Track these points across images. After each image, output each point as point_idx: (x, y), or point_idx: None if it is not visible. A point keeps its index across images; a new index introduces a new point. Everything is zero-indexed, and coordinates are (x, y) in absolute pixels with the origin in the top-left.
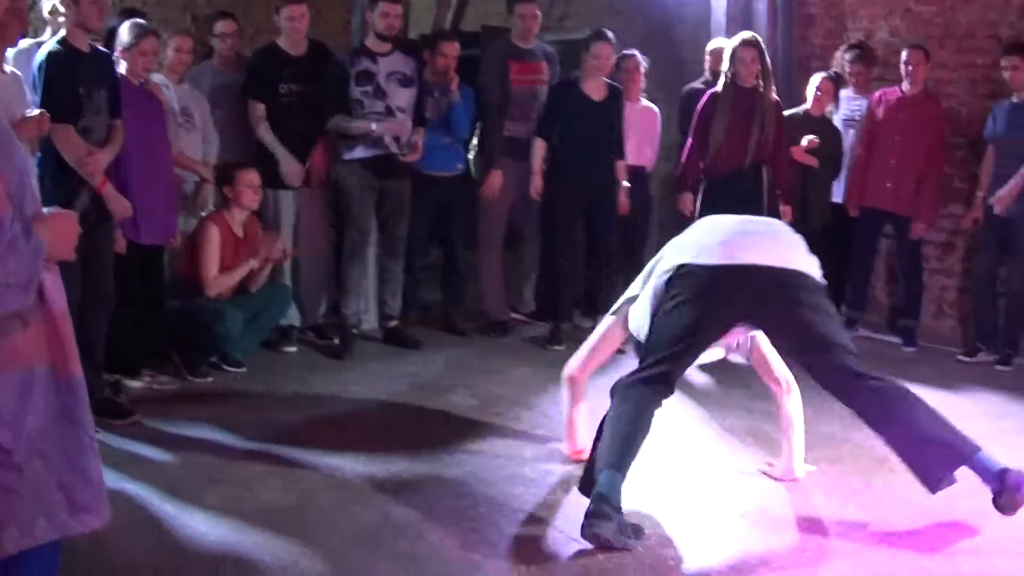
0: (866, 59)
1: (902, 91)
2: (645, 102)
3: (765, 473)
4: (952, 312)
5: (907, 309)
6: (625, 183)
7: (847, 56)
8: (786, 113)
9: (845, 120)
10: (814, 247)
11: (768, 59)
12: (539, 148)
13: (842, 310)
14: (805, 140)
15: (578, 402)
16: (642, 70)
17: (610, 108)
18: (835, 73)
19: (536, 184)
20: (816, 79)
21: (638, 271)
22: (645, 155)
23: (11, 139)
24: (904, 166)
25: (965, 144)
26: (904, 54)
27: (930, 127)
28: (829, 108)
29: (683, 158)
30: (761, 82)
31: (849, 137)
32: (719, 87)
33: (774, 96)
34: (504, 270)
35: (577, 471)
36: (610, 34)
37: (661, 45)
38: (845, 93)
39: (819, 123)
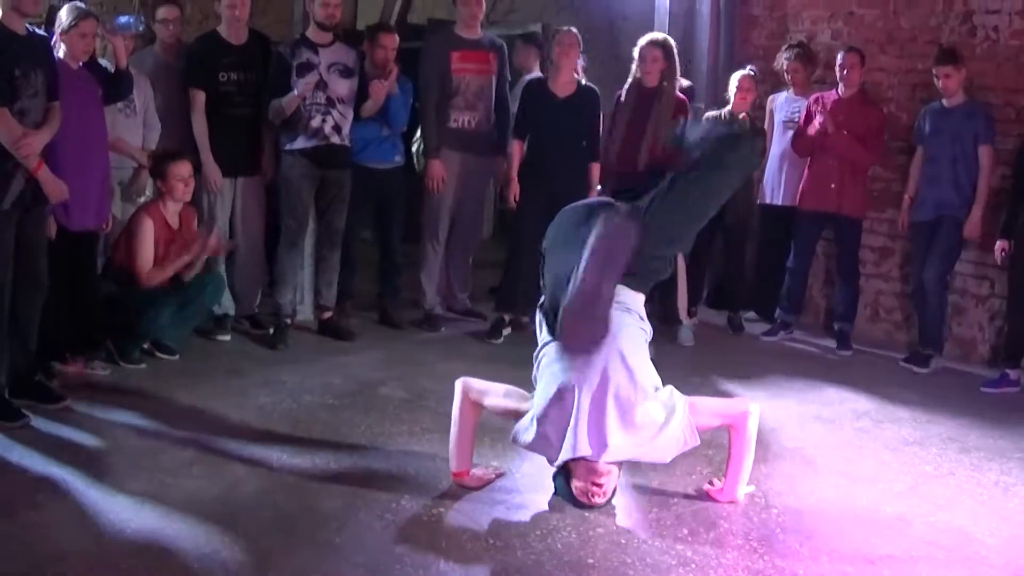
0: (804, 58)
1: (838, 94)
2: None
3: (708, 491)
4: (888, 317)
5: (843, 313)
6: (596, 186)
7: (786, 55)
8: (710, 114)
9: (785, 122)
10: (728, 242)
11: (676, 59)
12: (516, 150)
13: (776, 313)
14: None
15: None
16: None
17: (578, 105)
18: (753, 70)
19: (514, 189)
20: (736, 76)
21: None
22: None
23: None
24: (845, 166)
25: (905, 149)
26: (840, 57)
27: (868, 129)
28: (744, 114)
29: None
30: (662, 83)
31: (787, 139)
32: (624, 88)
33: (676, 95)
34: (444, 264)
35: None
36: (574, 30)
37: (604, 42)
38: (785, 95)
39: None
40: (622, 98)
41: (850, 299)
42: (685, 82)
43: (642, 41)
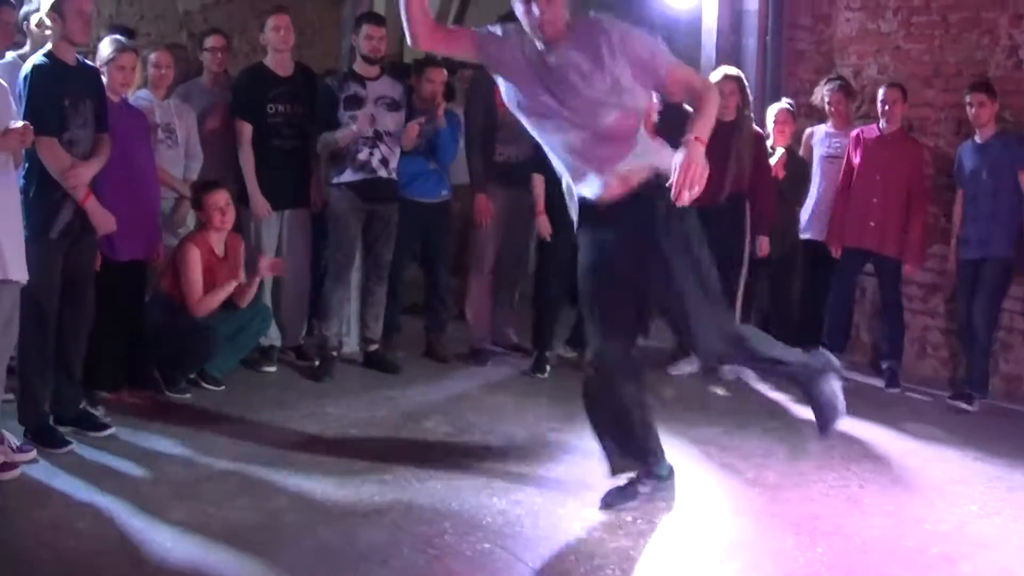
0: (846, 91)
1: (880, 130)
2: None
3: None
4: (935, 353)
5: (889, 350)
6: None
7: (827, 88)
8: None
9: (824, 157)
10: (773, 278)
11: (749, 93)
12: (539, 185)
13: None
14: (773, 161)
15: None
16: (654, 106)
17: None
18: (791, 103)
19: (543, 226)
20: (773, 110)
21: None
22: None
23: None
24: (887, 205)
25: (951, 185)
26: (881, 92)
27: (910, 166)
28: (784, 149)
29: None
30: (740, 116)
31: (828, 174)
32: None
33: (754, 128)
34: (491, 299)
35: (544, 503)
36: None
37: None
38: (824, 128)
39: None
40: None
41: (895, 337)
42: None
43: (715, 76)
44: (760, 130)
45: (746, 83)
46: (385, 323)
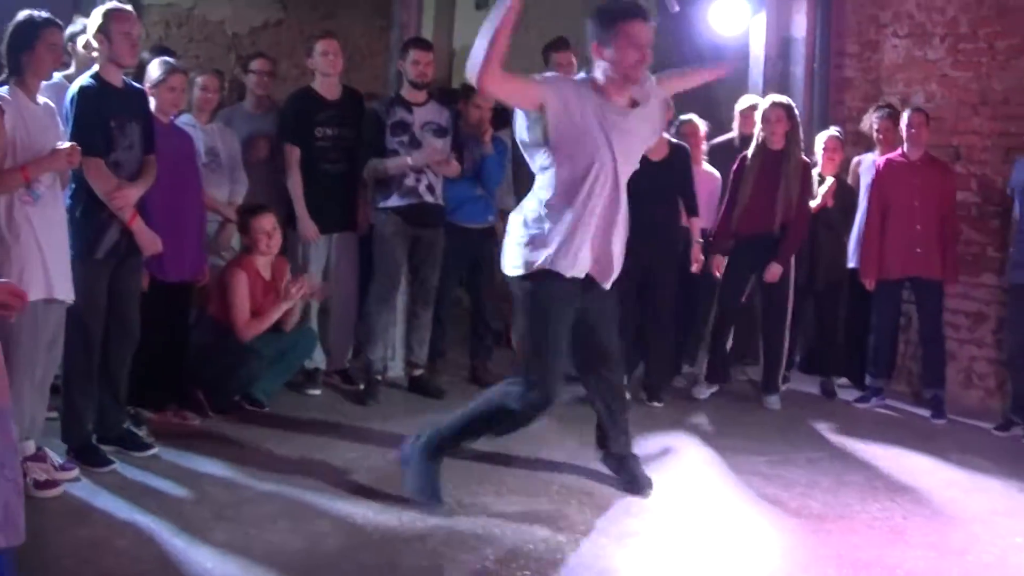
0: (894, 118)
1: (906, 155)
2: (706, 166)
3: None
4: (981, 383)
5: (931, 378)
6: (699, 240)
7: (875, 115)
8: None
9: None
10: (820, 307)
11: (799, 121)
12: None
13: (866, 379)
14: (822, 190)
15: None
16: (701, 133)
17: (671, 167)
18: (839, 131)
19: None
20: (821, 138)
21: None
22: (707, 218)
23: None
24: (928, 229)
25: (999, 213)
26: (905, 116)
27: (942, 189)
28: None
29: (718, 220)
30: (789, 144)
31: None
32: (750, 150)
33: (802, 157)
34: None
35: (587, 531)
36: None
37: (699, 106)
38: (872, 157)
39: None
40: (747, 161)
41: (937, 364)
42: None
43: (764, 103)
44: (807, 159)
45: (795, 111)
46: (430, 348)
